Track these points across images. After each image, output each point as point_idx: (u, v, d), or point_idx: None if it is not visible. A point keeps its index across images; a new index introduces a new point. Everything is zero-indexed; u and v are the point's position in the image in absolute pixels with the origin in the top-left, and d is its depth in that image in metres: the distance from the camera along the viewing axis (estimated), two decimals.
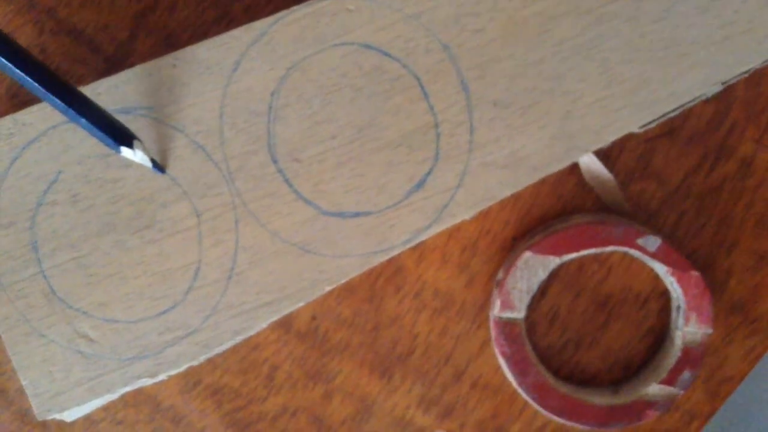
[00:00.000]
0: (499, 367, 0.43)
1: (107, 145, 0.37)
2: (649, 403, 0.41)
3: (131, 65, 0.39)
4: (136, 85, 0.39)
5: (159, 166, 0.39)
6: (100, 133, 0.36)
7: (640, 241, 0.41)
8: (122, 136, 0.37)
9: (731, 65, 0.39)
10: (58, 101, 0.35)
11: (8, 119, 0.39)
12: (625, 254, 0.42)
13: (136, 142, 0.37)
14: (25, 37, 0.42)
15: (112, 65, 0.43)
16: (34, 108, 0.39)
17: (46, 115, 0.39)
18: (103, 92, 0.39)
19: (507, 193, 0.39)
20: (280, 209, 0.39)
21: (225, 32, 0.39)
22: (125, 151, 0.37)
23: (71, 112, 0.35)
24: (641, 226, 0.41)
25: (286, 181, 0.39)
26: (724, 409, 0.44)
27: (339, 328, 0.43)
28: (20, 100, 0.42)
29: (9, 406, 0.44)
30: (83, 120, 0.36)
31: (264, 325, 0.40)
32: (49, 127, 0.39)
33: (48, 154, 0.39)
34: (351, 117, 0.39)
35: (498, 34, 0.39)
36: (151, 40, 0.42)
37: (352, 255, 0.39)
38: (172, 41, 0.42)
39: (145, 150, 0.38)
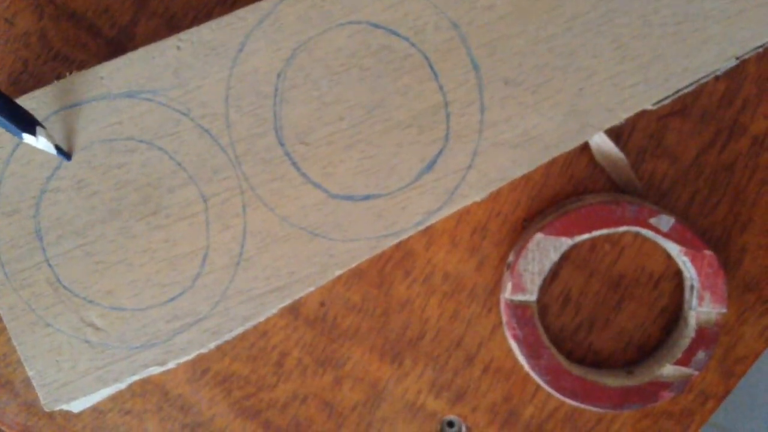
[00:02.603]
0: (510, 351, 0.43)
1: (9, 131, 0.36)
2: (664, 384, 0.41)
3: (134, 49, 0.39)
4: (140, 68, 0.38)
5: (64, 153, 0.38)
6: (0, 120, 0.35)
7: (652, 221, 0.40)
8: (24, 123, 0.36)
9: (745, 40, 0.38)
10: None
11: None
12: (638, 234, 0.42)
13: (39, 129, 0.36)
14: (24, 22, 0.42)
15: (114, 49, 0.42)
16: (37, 93, 0.38)
17: (48, 100, 0.38)
18: (105, 76, 0.38)
19: (519, 173, 0.39)
20: (288, 193, 0.39)
21: (229, 13, 0.38)
22: (27, 138, 0.36)
23: None
24: (654, 206, 0.41)
25: (294, 164, 0.39)
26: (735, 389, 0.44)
27: (348, 314, 0.43)
28: (21, 87, 0.42)
29: (15, 398, 0.43)
30: None
31: (274, 310, 0.39)
32: (52, 112, 0.38)
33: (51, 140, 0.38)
34: (359, 98, 0.38)
35: (508, 10, 0.38)
36: (154, 22, 0.42)
37: (363, 238, 0.39)
38: (174, 23, 0.42)
39: (49, 137, 0.37)
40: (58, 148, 0.38)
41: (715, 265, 0.40)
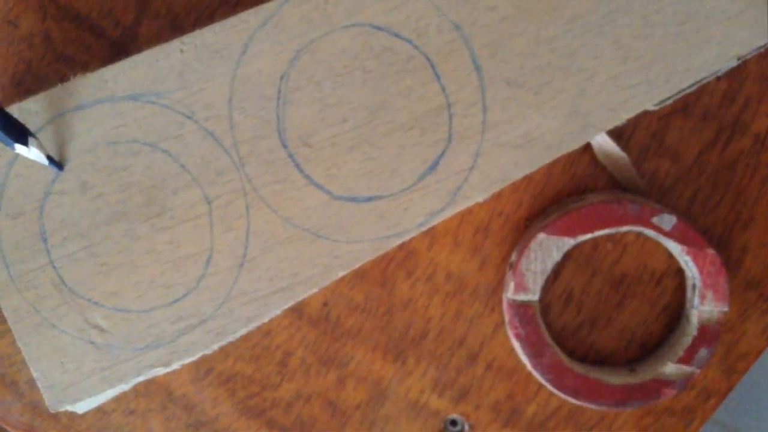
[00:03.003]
0: (513, 350, 0.43)
1: (1, 141, 0.36)
2: (666, 382, 0.41)
3: (137, 50, 0.39)
4: (144, 71, 0.38)
5: (56, 163, 0.38)
6: None
7: (654, 220, 0.40)
8: (17, 133, 0.36)
9: (747, 40, 0.38)
10: None
11: (14, 108, 0.38)
12: (640, 233, 0.42)
13: (31, 140, 0.37)
14: (28, 23, 0.42)
15: (118, 51, 0.42)
16: (40, 96, 0.38)
17: (52, 102, 0.38)
18: (109, 79, 0.38)
19: (522, 173, 0.39)
20: (292, 194, 0.39)
21: (232, 15, 0.38)
22: (19, 148, 0.36)
23: None
24: (656, 205, 0.41)
25: (297, 166, 0.39)
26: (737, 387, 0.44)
27: (351, 314, 0.43)
28: (25, 89, 0.42)
29: (20, 399, 0.43)
30: None
31: (277, 311, 0.39)
32: (56, 114, 0.38)
33: (55, 143, 0.39)
34: (362, 100, 0.38)
35: (510, 11, 0.38)
36: (157, 24, 0.42)
37: (365, 239, 0.39)
38: (178, 25, 0.42)
39: (41, 147, 0.37)
40: (50, 158, 0.38)
41: (717, 263, 0.40)
